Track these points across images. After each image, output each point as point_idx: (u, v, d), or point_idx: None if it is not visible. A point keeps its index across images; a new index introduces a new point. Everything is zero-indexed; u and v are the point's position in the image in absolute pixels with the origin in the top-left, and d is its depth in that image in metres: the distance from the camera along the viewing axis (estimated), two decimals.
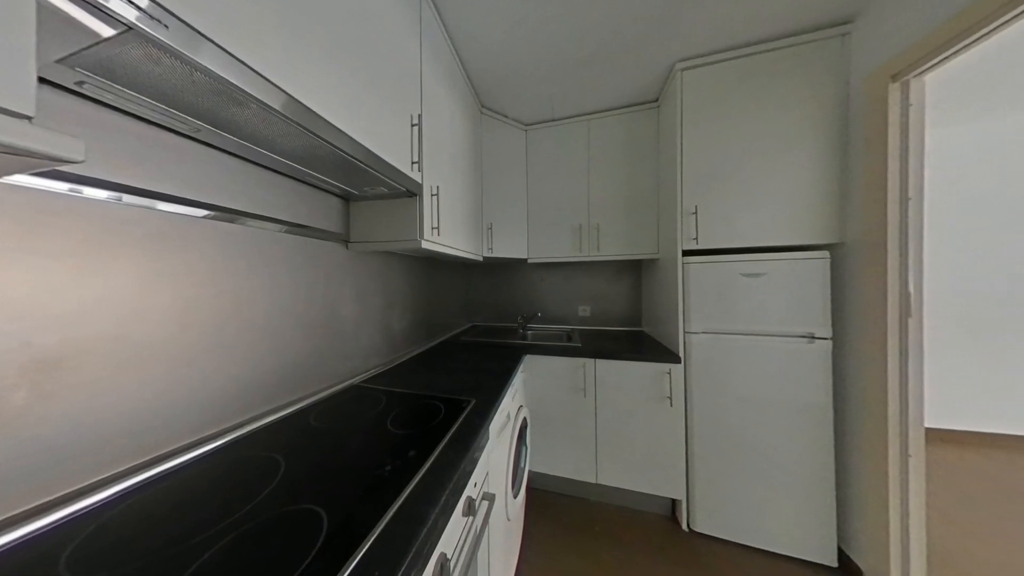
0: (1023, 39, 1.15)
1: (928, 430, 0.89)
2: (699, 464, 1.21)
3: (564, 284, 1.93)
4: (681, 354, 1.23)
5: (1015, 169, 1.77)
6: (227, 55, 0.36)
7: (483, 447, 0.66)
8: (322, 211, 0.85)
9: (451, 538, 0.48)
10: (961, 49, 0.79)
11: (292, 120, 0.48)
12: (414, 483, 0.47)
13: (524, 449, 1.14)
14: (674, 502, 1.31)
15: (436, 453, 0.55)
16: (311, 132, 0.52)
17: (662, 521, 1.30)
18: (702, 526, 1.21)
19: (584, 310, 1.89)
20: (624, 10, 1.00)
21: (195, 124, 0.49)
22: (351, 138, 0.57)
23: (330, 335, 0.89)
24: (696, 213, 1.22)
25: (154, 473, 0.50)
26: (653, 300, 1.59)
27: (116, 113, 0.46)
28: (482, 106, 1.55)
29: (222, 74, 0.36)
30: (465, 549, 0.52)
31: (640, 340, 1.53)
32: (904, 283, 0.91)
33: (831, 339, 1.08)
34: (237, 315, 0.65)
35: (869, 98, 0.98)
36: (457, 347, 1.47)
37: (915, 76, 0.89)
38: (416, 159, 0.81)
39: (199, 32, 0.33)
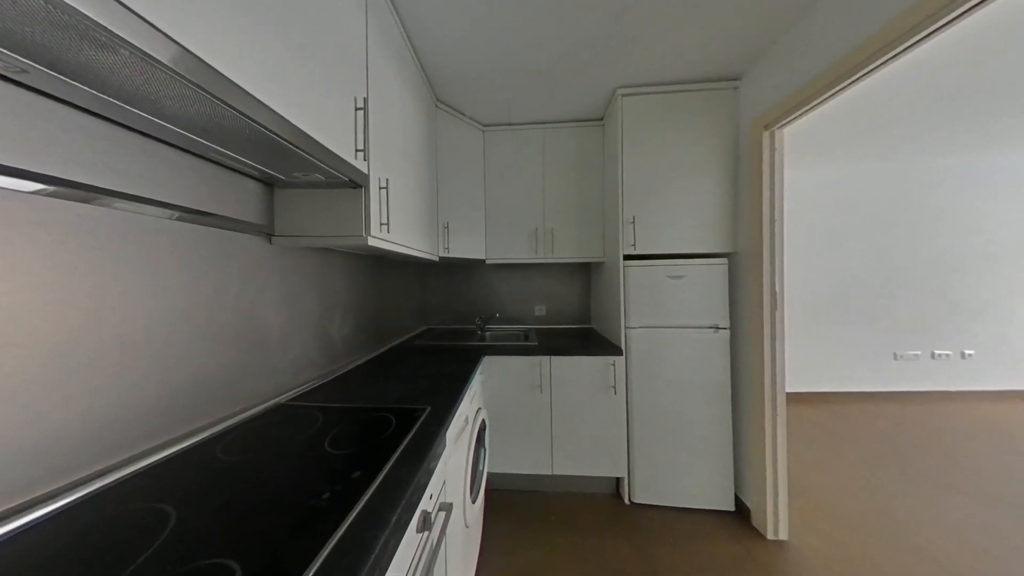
0: (832, 116, 1.68)
1: (787, 394, 1.21)
2: (637, 443, 1.38)
3: (522, 285, 1.98)
4: (623, 347, 1.39)
5: (828, 205, 2.54)
6: None
7: (439, 456, 0.63)
8: (233, 196, 0.70)
9: (404, 559, 0.44)
10: (801, 114, 1.09)
11: (190, 81, 0.37)
12: (359, 507, 0.42)
13: (483, 451, 1.13)
14: (618, 480, 1.46)
15: (386, 469, 0.51)
16: (218, 99, 0.41)
17: (608, 499, 1.43)
18: (640, 497, 1.38)
19: (540, 310, 1.97)
20: (574, 33, 1.09)
21: (16, 61, 0.33)
22: (275, 112, 0.47)
23: (247, 347, 0.74)
24: (634, 222, 1.39)
25: None
26: (600, 299, 1.75)
27: None
28: (437, 100, 1.49)
29: (67, 0, 0.26)
30: (420, 568, 0.49)
31: (589, 336, 1.67)
32: (773, 284, 1.20)
33: (729, 329, 1.36)
34: (97, 328, 0.48)
35: (751, 141, 1.27)
36: (410, 352, 1.38)
37: (778, 128, 1.18)
38: (361, 147, 0.73)
39: None
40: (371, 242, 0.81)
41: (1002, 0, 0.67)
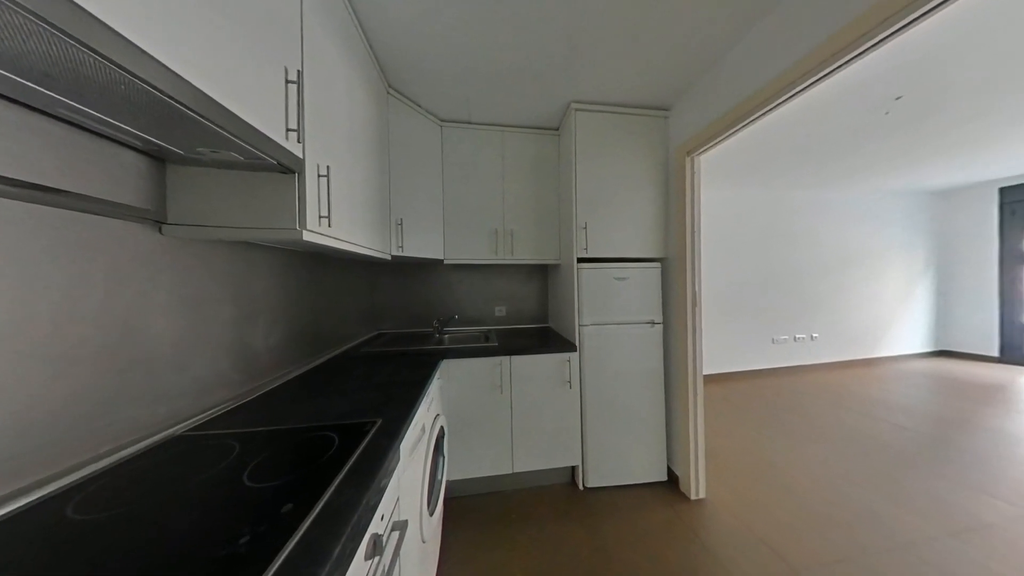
0: (733, 150, 2.11)
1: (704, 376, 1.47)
2: (590, 432, 1.49)
3: (482, 285, 1.96)
4: (577, 343, 1.49)
5: (728, 221, 3.16)
6: None
7: (392, 471, 0.58)
8: (101, 170, 0.53)
9: None
10: (712, 146, 1.33)
11: (23, 8, 0.27)
12: (292, 545, 0.36)
13: (441, 460, 1.08)
14: (573, 468, 1.56)
15: (327, 496, 0.44)
16: (73, 38, 0.30)
17: (564, 488, 1.52)
18: (592, 481, 1.49)
19: (500, 310, 1.98)
20: (529, 43, 1.13)
21: None
22: (165, 67, 0.36)
23: (119, 367, 0.56)
24: (586, 228, 1.51)
25: None
26: (556, 299, 1.84)
27: None
28: (389, 86, 1.38)
29: None
30: None
31: (547, 335, 1.74)
32: (694, 285, 1.44)
33: (662, 323, 1.57)
34: None
35: (677, 164, 1.50)
36: (357, 360, 1.25)
37: (697, 155, 1.42)
38: (295, 126, 0.63)
39: None
40: (307, 237, 0.70)
41: (830, 81, 0.95)
